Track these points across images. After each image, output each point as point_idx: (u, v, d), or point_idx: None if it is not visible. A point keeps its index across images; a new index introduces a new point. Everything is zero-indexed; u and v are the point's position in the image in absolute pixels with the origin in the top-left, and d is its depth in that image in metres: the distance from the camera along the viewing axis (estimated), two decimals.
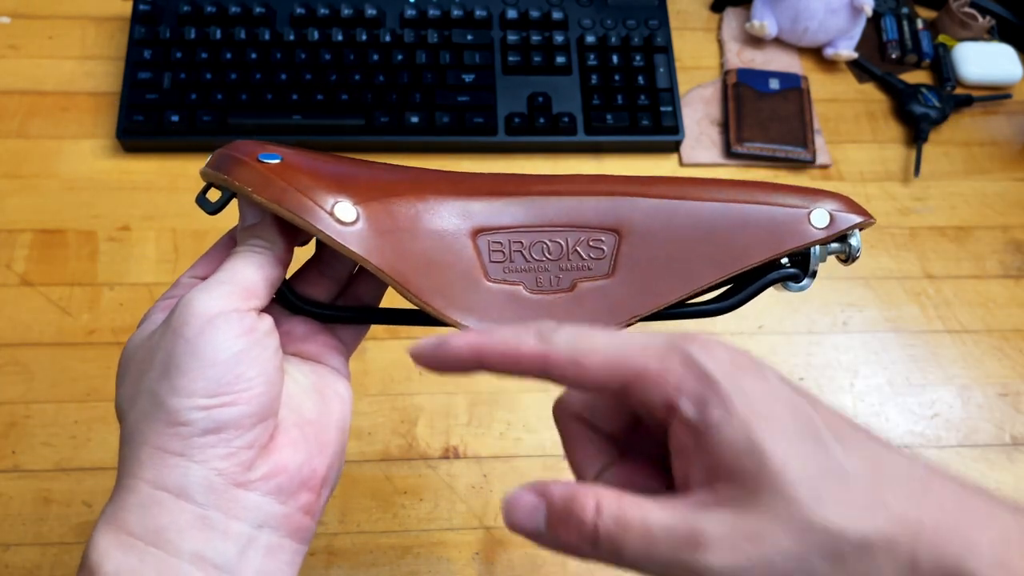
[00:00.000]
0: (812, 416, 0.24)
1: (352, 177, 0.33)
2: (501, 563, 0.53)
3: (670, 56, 0.72)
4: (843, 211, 0.35)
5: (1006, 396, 0.62)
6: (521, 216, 0.34)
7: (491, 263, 0.34)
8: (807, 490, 0.22)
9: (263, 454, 0.30)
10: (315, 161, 0.33)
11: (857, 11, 0.73)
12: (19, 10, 0.72)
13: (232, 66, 0.67)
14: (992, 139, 0.74)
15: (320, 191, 0.31)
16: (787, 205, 0.35)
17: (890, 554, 0.22)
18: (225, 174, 0.31)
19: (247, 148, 0.32)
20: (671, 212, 0.35)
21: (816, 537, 0.22)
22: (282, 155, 0.32)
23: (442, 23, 0.71)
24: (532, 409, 0.58)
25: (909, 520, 0.22)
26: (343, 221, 0.31)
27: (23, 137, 0.67)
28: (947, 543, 0.22)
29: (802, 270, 0.36)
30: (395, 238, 0.32)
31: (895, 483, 0.23)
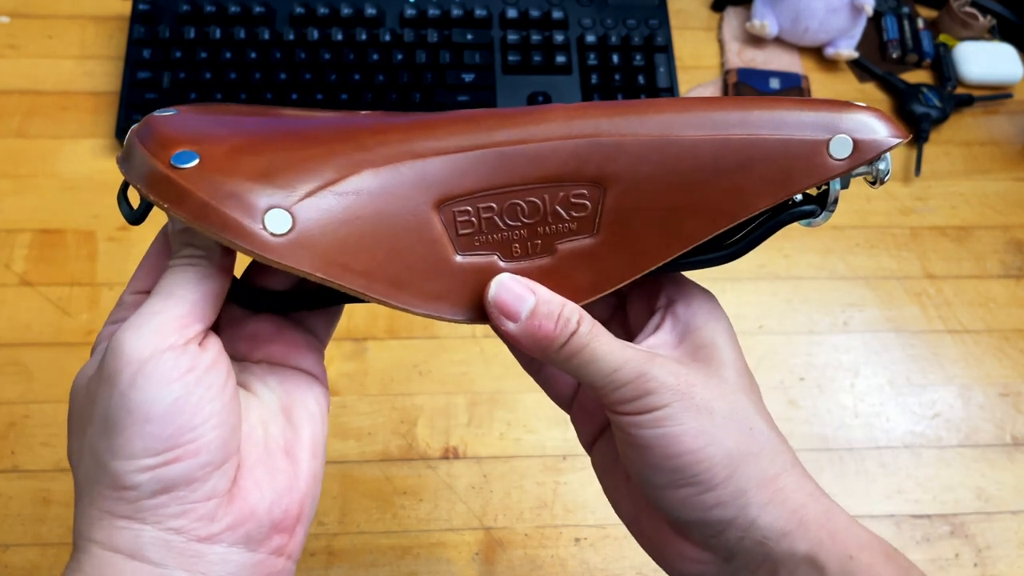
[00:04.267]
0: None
1: (283, 162, 0.28)
2: (501, 563, 0.53)
3: (670, 55, 0.72)
4: (870, 134, 0.29)
5: (1007, 396, 0.62)
6: (490, 176, 0.29)
7: (460, 236, 0.29)
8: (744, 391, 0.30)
9: (225, 502, 0.27)
10: (236, 150, 0.28)
11: (858, 11, 0.73)
12: (18, 9, 0.72)
13: (232, 66, 0.67)
14: (993, 139, 0.74)
15: (246, 198, 0.26)
16: (798, 135, 0.29)
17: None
18: (138, 182, 0.27)
19: (159, 138, 0.27)
20: (662, 154, 0.29)
21: (733, 405, 0.29)
22: (200, 152, 0.27)
23: (442, 23, 0.71)
24: (532, 409, 0.58)
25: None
26: (276, 233, 0.26)
27: (22, 137, 0.67)
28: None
29: (819, 204, 0.31)
30: (340, 234, 0.28)
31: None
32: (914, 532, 0.56)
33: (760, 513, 0.28)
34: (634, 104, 0.30)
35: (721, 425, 0.29)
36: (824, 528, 0.28)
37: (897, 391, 0.62)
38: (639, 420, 0.28)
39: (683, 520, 0.29)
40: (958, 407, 0.61)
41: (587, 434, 0.35)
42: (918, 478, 0.58)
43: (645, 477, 0.29)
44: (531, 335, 0.28)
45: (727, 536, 0.29)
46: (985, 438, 0.60)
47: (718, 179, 0.29)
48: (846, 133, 0.29)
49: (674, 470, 0.28)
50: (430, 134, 0.29)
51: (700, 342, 0.31)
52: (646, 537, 0.32)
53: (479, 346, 0.60)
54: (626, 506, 0.33)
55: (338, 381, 0.58)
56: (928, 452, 0.59)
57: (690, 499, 0.28)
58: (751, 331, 0.63)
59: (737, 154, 0.29)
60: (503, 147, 0.29)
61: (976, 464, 0.59)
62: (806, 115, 0.29)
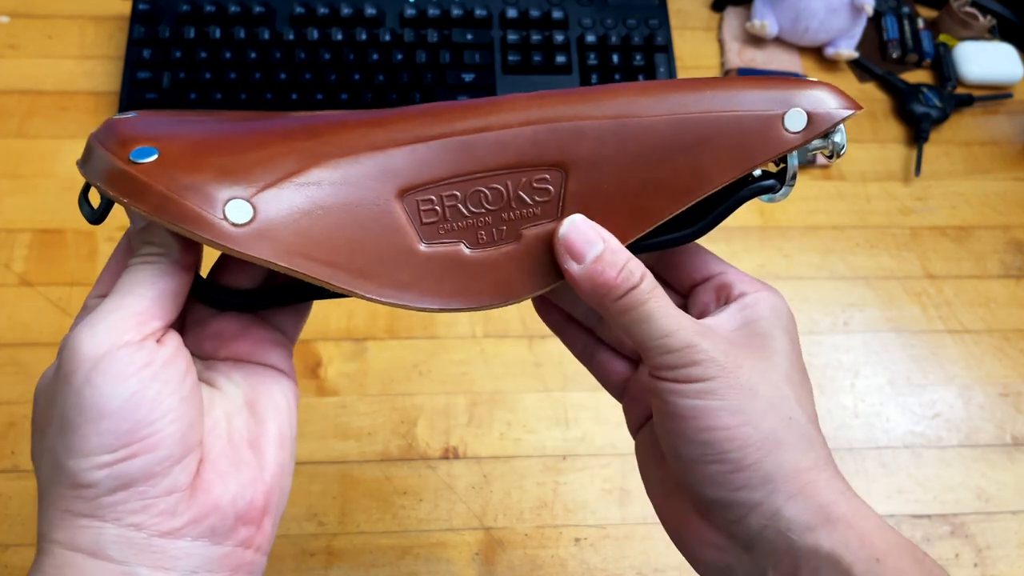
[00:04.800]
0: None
1: (242, 157, 0.28)
2: (501, 563, 0.53)
3: (670, 55, 0.72)
4: (823, 107, 0.30)
5: (1007, 396, 0.62)
6: (451, 164, 0.29)
7: (424, 225, 0.30)
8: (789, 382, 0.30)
9: (187, 496, 0.26)
10: (196, 146, 0.28)
11: (858, 10, 0.73)
12: (18, 9, 0.72)
13: (232, 65, 0.67)
14: (993, 139, 0.74)
15: (206, 189, 0.27)
16: (754, 110, 0.30)
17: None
18: (97, 179, 0.27)
19: (119, 137, 0.28)
20: (620, 135, 0.30)
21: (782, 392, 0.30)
22: (159, 148, 0.27)
23: (442, 22, 0.71)
24: (532, 409, 0.58)
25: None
26: (237, 223, 0.27)
27: (22, 137, 0.67)
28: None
29: (778, 179, 0.32)
30: (303, 224, 0.28)
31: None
32: (914, 532, 0.56)
33: (786, 503, 0.28)
34: (592, 89, 0.30)
35: (761, 409, 0.29)
36: (852, 528, 0.28)
37: (897, 391, 0.62)
38: (680, 388, 0.29)
39: (708, 498, 0.29)
40: (958, 407, 0.61)
41: (636, 419, 0.35)
42: (918, 478, 0.58)
43: (676, 448, 0.30)
44: (592, 279, 0.29)
45: (750, 522, 0.29)
46: (985, 438, 0.60)
47: (677, 157, 0.30)
48: (799, 107, 0.30)
49: (705, 443, 0.28)
50: (391, 126, 0.29)
51: (758, 330, 0.31)
52: (671, 520, 0.32)
53: (479, 346, 0.60)
54: (657, 487, 0.33)
55: (338, 381, 0.58)
56: (928, 452, 0.59)
57: (717, 476, 0.28)
58: None
59: (694, 132, 0.30)
60: (463, 135, 0.29)
61: (976, 464, 0.59)
62: (761, 92, 0.30)
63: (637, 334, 0.29)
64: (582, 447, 0.57)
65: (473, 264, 0.30)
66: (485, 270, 0.31)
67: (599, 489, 0.56)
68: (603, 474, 0.56)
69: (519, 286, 0.31)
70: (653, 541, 0.54)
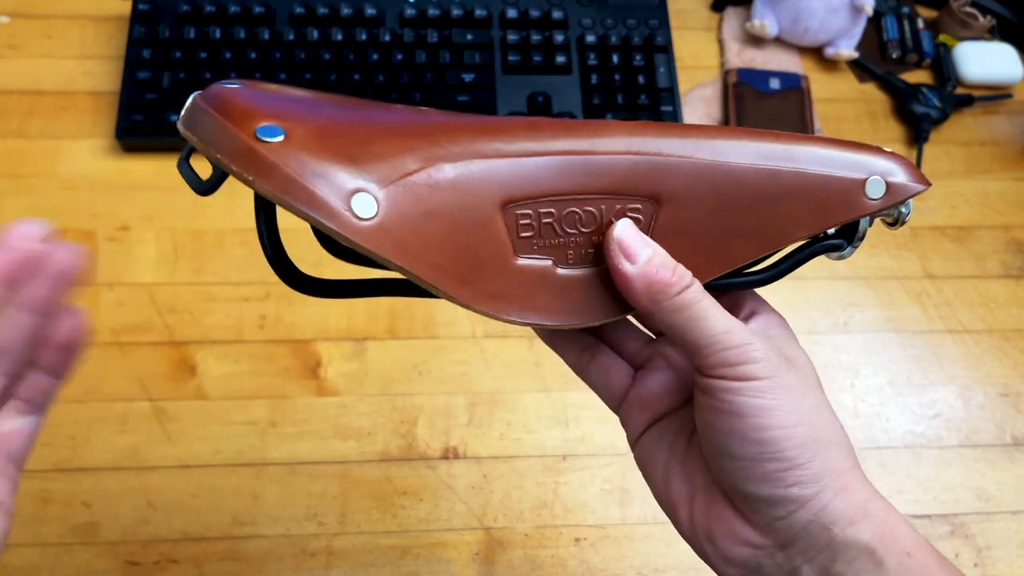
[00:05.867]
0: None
1: (366, 147, 0.28)
2: (501, 563, 0.53)
3: (670, 55, 0.72)
4: (900, 179, 0.32)
5: (1007, 396, 0.62)
6: (554, 183, 0.30)
7: (520, 239, 0.30)
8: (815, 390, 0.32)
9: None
10: (320, 131, 0.28)
11: (858, 11, 0.73)
12: (18, 9, 0.72)
13: (232, 66, 0.67)
14: (993, 139, 0.74)
15: (335, 179, 0.26)
16: (841, 172, 0.31)
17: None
18: (217, 151, 0.26)
19: (238, 109, 0.27)
20: (714, 178, 0.31)
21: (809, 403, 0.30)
22: (285, 128, 0.27)
23: (442, 23, 0.71)
24: (532, 409, 0.58)
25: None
26: (362, 217, 0.27)
27: (22, 137, 0.67)
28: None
29: (846, 239, 0.33)
30: (419, 225, 0.28)
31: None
32: None
33: (833, 498, 0.29)
34: (690, 128, 0.31)
35: (811, 410, 0.30)
36: (886, 524, 0.29)
37: (897, 391, 0.62)
38: (738, 386, 0.29)
39: (759, 496, 0.30)
40: (958, 407, 0.61)
41: (638, 427, 0.36)
42: (918, 478, 0.58)
43: (728, 447, 0.30)
44: (647, 278, 0.29)
45: (797, 517, 0.29)
46: (985, 438, 0.60)
47: (763, 207, 0.31)
48: (880, 175, 0.31)
49: (763, 442, 0.29)
50: (497, 136, 0.30)
51: (780, 344, 0.32)
52: (700, 520, 0.32)
53: (479, 346, 0.60)
54: (678, 487, 0.33)
55: (338, 381, 0.58)
56: (928, 452, 0.59)
57: (773, 474, 0.29)
58: None
59: (783, 185, 0.31)
60: (567, 155, 0.30)
61: (976, 464, 0.59)
62: (844, 155, 0.31)
63: (693, 330, 0.29)
64: (582, 447, 0.57)
65: (559, 282, 0.31)
66: (569, 289, 0.31)
67: (599, 489, 0.56)
68: (603, 474, 0.56)
69: (597, 310, 0.32)
70: (653, 541, 0.54)
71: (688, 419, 0.34)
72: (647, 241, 0.30)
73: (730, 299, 0.34)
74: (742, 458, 0.29)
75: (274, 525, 0.54)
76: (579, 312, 0.31)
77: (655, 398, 0.35)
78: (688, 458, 0.33)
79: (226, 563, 0.52)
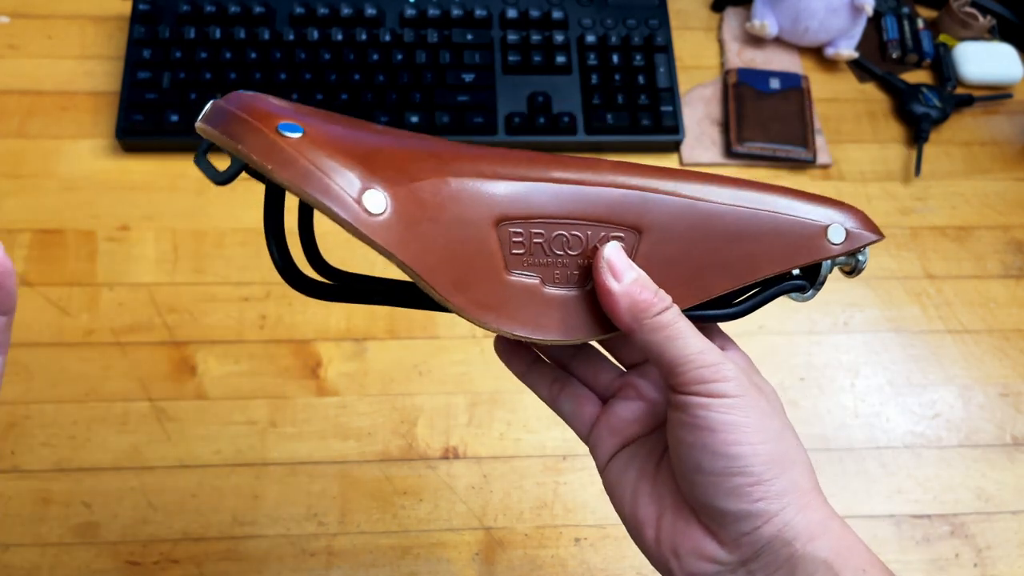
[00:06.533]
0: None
1: (376, 154, 0.30)
2: (501, 563, 0.53)
3: (670, 56, 0.72)
4: (858, 228, 0.35)
5: (1007, 396, 0.62)
6: (546, 206, 0.33)
7: (511, 255, 0.32)
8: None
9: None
10: (337, 135, 0.30)
11: (858, 11, 0.73)
12: (18, 10, 0.72)
13: (232, 66, 0.67)
14: (993, 139, 0.74)
15: (348, 175, 0.28)
16: (807, 218, 0.35)
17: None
18: (239, 143, 0.28)
19: (260, 110, 0.29)
20: (695, 215, 0.34)
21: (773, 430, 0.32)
22: (304, 127, 0.29)
23: (442, 23, 0.71)
24: (532, 409, 0.58)
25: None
26: (372, 212, 0.29)
27: (22, 137, 0.67)
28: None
29: (809, 281, 0.36)
30: (422, 228, 0.30)
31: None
32: (914, 532, 0.56)
33: (796, 515, 0.31)
34: (676, 171, 0.34)
35: (777, 432, 0.32)
36: (843, 541, 0.31)
37: (897, 391, 0.62)
38: (709, 402, 0.31)
39: (727, 510, 0.31)
40: (958, 407, 0.61)
41: (607, 452, 0.37)
42: (918, 478, 0.58)
43: (698, 461, 0.31)
44: (631, 297, 0.31)
45: (761, 532, 0.31)
46: (985, 438, 0.60)
47: (738, 243, 0.34)
48: (840, 224, 0.35)
49: (732, 456, 0.30)
50: (497, 162, 0.33)
51: (748, 377, 0.34)
52: (665, 537, 0.34)
53: (479, 346, 0.60)
54: (646, 506, 0.35)
55: (338, 381, 0.59)
56: (928, 452, 0.59)
57: (740, 488, 0.31)
58: (751, 331, 0.63)
59: (756, 225, 0.34)
60: (560, 183, 0.33)
61: (976, 464, 0.59)
62: (813, 206, 0.35)
63: (670, 349, 0.31)
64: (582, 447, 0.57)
65: (546, 300, 0.33)
66: (555, 307, 0.33)
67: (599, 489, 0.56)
68: None
69: (582, 328, 0.34)
70: None
71: (658, 443, 0.36)
72: (633, 264, 0.32)
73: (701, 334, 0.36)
74: (711, 472, 0.31)
75: (274, 525, 0.54)
76: (562, 329, 0.33)
77: (624, 424, 0.37)
78: (657, 479, 0.35)
79: (226, 563, 0.52)
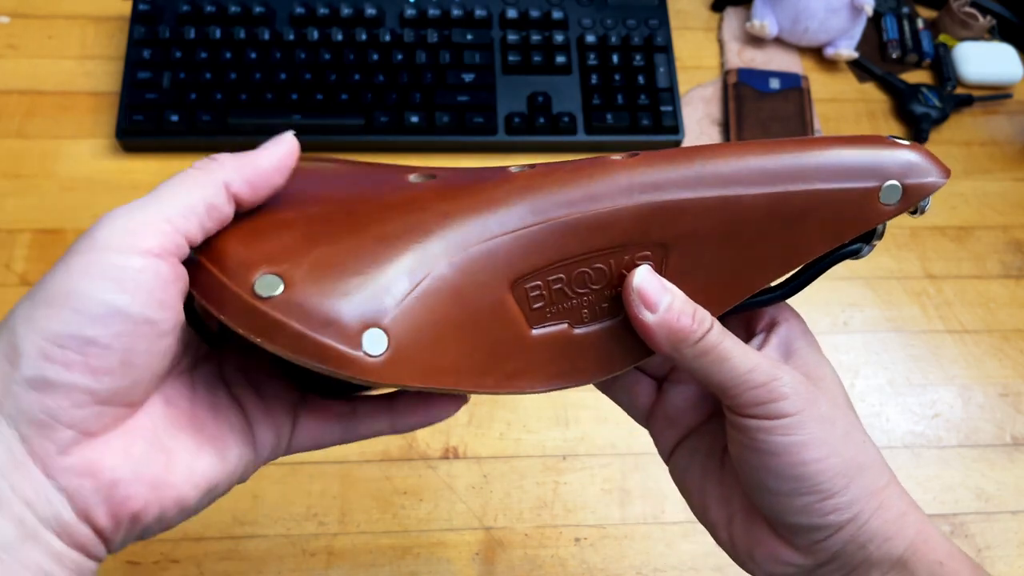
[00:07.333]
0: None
1: (365, 274, 0.26)
2: (501, 563, 0.53)
3: (670, 56, 0.72)
4: (918, 178, 0.30)
5: (1007, 396, 0.62)
6: (557, 249, 0.29)
7: (532, 311, 0.29)
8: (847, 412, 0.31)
9: (83, 441, 0.24)
10: (319, 266, 0.26)
11: (858, 11, 0.73)
12: (18, 10, 0.72)
13: (232, 66, 0.67)
14: (993, 139, 0.74)
15: (340, 322, 0.25)
16: (852, 184, 0.29)
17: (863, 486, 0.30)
18: (219, 311, 0.25)
19: (235, 261, 0.26)
20: (724, 214, 0.29)
21: (839, 430, 0.30)
22: (283, 276, 0.26)
23: (442, 23, 0.71)
24: (532, 409, 0.58)
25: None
26: (374, 355, 0.26)
27: (22, 137, 0.67)
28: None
29: (863, 240, 0.32)
30: (431, 334, 0.27)
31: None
32: None
33: (870, 519, 0.30)
34: (691, 153, 0.29)
35: (840, 437, 0.30)
36: (919, 535, 0.30)
37: (897, 391, 0.62)
38: (770, 425, 0.29)
39: (798, 525, 0.30)
40: (958, 407, 0.61)
41: (668, 443, 0.36)
42: (918, 478, 0.58)
43: (763, 482, 0.30)
44: (668, 326, 0.29)
45: (834, 540, 0.30)
46: (985, 438, 0.60)
47: (776, 233, 0.30)
48: (896, 179, 0.29)
49: (798, 478, 0.29)
50: (494, 205, 0.29)
51: (803, 361, 0.32)
52: (737, 541, 0.33)
53: None
54: (716, 509, 0.33)
55: None
56: (928, 452, 0.59)
57: (810, 506, 0.29)
58: None
59: (794, 208, 0.29)
60: (567, 218, 0.29)
61: (976, 464, 0.59)
62: (855, 158, 0.29)
63: (717, 374, 0.29)
64: (582, 447, 0.57)
65: (578, 343, 0.30)
66: (589, 347, 0.31)
67: (599, 489, 0.56)
68: (603, 474, 0.56)
69: (620, 359, 0.31)
70: (653, 541, 0.54)
71: (717, 435, 0.34)
72: (666, 287, 0.29)
73: (749, 312, 0.34)
74: (779, 493, 0.30)
75: (274, 525, 0.54)
76: (601, 366, 0.31)
77: (680, 413, 0.35)
78: (723, 481, 0.33)
79: (226, 563, 0.52)
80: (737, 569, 0.33)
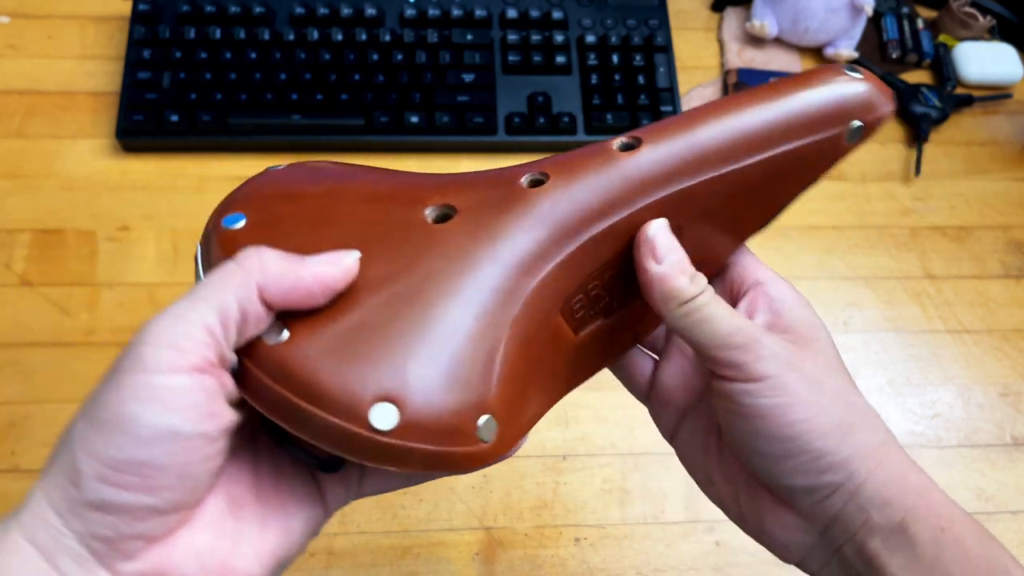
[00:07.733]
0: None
1: (463, 361, 0.27)
2: (501, 563, 0.53)
3: (670, 56, 0.72)
4: (873, 112, 0.32)
5: (1007, 396, 0.62)
6: (592, 263, 0.31)
7: (576, 319, 0.31)
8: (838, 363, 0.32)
9: (149, 547, 0.24)
10: (428, 370, 0.26)
11: (857, 11, 0.73)
12: (18, 9, 0.72)
13: (232, 66, 0.67)
14: (993, 139, 0.74)
15: (464, 425, 0.26)
16: (826, 132, 0.32)
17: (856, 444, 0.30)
18: (343, 453, 0.26)
19: (344, 393, 0.25)
20: (725, 187, 0.32)
21: (832, 385, 0.31)
22: (396, 402, 0.25)
23: (442, 23, 0.71)
24: None
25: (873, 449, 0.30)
26: (487, 440, 0.27)
27: (22, 137, 0.67)
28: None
29: None
30: (518, 391, 0.29)
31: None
32: None
33: (866, 479, 0.29)
34: (687, 135, 0.31)
35: (830, 397, 0.30)
36: (921, 498, 0.29)
37: (897, 391, 0.62)
38: (752, 388, 0.29)
39: (793, 487, 0.30)
40: (958, 407, 0.61)
41: (668, 423, 0.36)
42: None
43: (754, 447, 0.30)
44: (664, 280, 0.30)
45: (832, 501, 0.30)
46: (985, 438, 0.60)
47: (765, 190, 0.32)
48: (858, 118, 0.32)
49: (786, 439, 0.29)
50: (532, 243, 0.29)
51: (793, 323, 0.32)
52: (746, 513, 0.33)
53: None
54: (721, 485, 0.34)
55: None
56: (928, 452, 0.59)
57: (801, 466, 0.30)
58: None
59: (782, 165, 0.32)
60: (596, 232, 0.30)
61: (976, 464, 0.59)
62: (822, 101, 0.32)
63: (701, 335, 0.30)
64: (582, 447, 0.57)
65: (611, 329, 0.33)
66: (620, 328, 0.33)
67: (599, 489, 0.56)
68: (603, 474, 0.56)
69: (647, 325, 0.35)
70: (653, 541, 0.54)
71: (712, 413, 0.34)
72: (675, 245, 0.31)
73: (736, 271, 0.35)
74: (770, 456, 0.30)
75: None
76: (633, 337, 0.35)
77: (675, 391, 0.36)
78: (723, 458, 0.34)
79: None
80: (737, 569, 0.34)
